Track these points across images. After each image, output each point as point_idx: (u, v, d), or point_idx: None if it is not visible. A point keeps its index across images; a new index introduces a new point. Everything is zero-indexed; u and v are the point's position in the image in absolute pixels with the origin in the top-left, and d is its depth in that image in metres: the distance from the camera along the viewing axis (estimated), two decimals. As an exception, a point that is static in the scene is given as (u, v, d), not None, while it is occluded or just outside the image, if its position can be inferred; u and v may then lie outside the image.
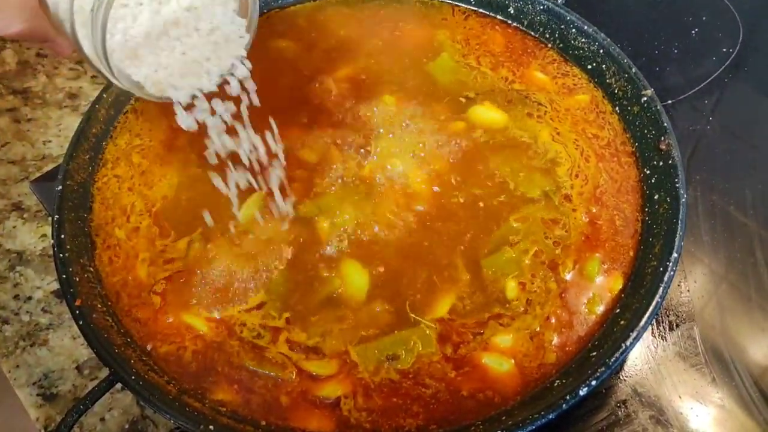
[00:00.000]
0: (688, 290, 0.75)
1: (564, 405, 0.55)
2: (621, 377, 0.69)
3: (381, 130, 0.77)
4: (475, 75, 0.84)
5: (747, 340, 0.72)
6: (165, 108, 0.78)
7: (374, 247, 0.69)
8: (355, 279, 0.67)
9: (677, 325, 0.73)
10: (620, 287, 0.66)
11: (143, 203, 0.73)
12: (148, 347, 0.63)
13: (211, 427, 0.56)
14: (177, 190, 0.74)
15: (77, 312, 0.62)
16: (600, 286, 0.66)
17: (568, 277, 0.67)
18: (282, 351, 0.63)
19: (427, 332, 0.63)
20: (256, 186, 0.69)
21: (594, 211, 0.71)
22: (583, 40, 0.83)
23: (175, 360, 0.63)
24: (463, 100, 0.81)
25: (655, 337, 0.72)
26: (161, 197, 0.73)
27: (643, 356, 0.70)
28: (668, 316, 0.73)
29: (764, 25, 1.05)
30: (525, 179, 0.73)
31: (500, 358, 0.62)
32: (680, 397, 0.68)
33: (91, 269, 0.68)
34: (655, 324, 0.72)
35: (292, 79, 0.83)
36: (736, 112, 0.94)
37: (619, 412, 0.67)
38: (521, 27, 0.88)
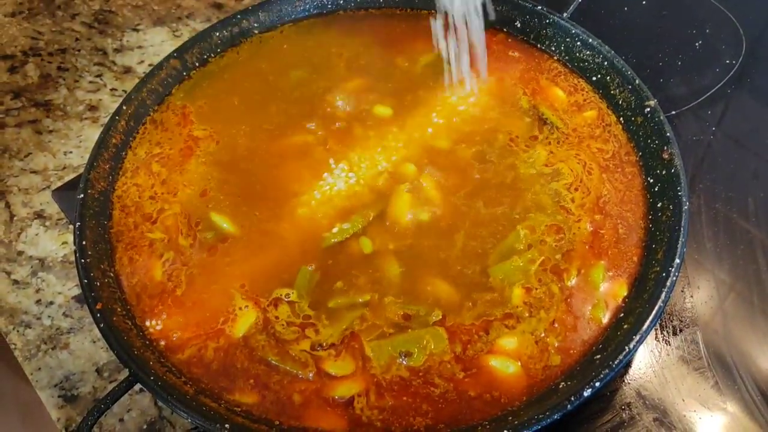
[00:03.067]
0: (692, 296, 0.77)
1: (569, 405, 0.56)
2: (625, 380, 0.70)
3: (390, 141, 0.79)
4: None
5: (750, 345, 0.73)
6: (183, 117, 0.82)
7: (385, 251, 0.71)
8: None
9: (681, 330, 0.74)
10: (625, 294, 0.67)
11: (162, 208, 0.75)
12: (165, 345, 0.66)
13: (227, 425, 0.57)
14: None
15: (98, 315, 0.64)
16: (604, 293, 0.68)
17: (572, 283, 0.68)
18: (305, 348, 0.64)
19: (439, 331, 0.65)
20: None
21: (598, 219, 0.73)
22: (588, 52, 0.85)
23: (196, 360, 0.65)
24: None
25: (658, 341, 0.73)
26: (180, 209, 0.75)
27: (647, 360, 0.72)
28: (672, 321, 0.75)
29: (766, 37, 1.07)
30: (528, 191, 0.75)
31: (507, 360, 0.63)
32: (683, 400, 0.69)
33: (111, 274, 0.70)
34: (658, 328, 0.74)
35: (302, 90, 0.86)
36: (739, 122, 0.95)
37: (624, 415, 0.68)
38: (528, 40, 0.90)
